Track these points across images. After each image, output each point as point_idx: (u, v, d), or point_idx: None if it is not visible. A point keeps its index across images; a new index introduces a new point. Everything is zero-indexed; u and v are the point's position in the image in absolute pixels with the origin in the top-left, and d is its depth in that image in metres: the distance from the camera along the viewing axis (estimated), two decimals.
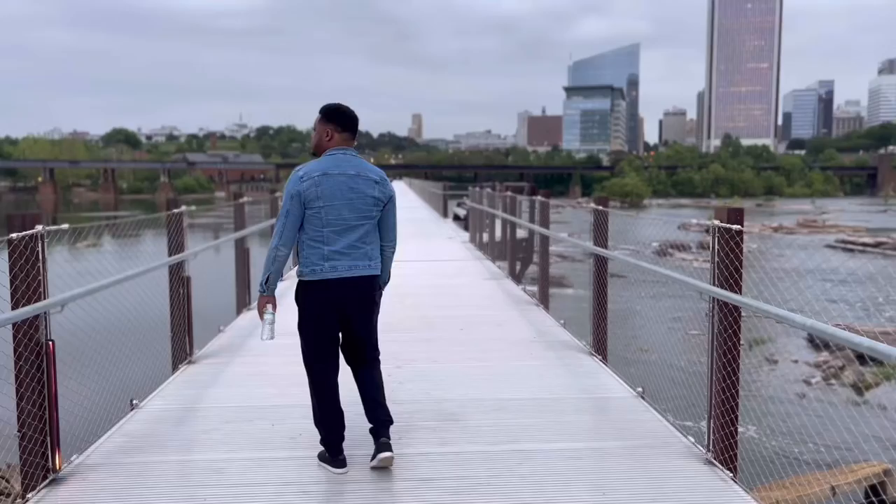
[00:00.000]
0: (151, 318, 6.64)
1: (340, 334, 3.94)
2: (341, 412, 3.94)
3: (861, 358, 13.10)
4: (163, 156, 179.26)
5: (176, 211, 6.54)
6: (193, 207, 7.35)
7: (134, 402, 5.03)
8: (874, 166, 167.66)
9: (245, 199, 9.81)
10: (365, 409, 3.98)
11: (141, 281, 5.57)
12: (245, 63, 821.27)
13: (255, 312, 4.31)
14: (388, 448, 3.83)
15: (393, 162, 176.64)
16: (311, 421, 4.03)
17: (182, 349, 6.32)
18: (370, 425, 3.95)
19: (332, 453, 3.91)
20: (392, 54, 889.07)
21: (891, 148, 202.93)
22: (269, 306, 3.86)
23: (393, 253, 4.05)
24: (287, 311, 4.21)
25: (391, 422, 3.97)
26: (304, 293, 3.83)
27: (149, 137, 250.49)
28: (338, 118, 3.85)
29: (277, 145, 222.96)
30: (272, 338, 3.84)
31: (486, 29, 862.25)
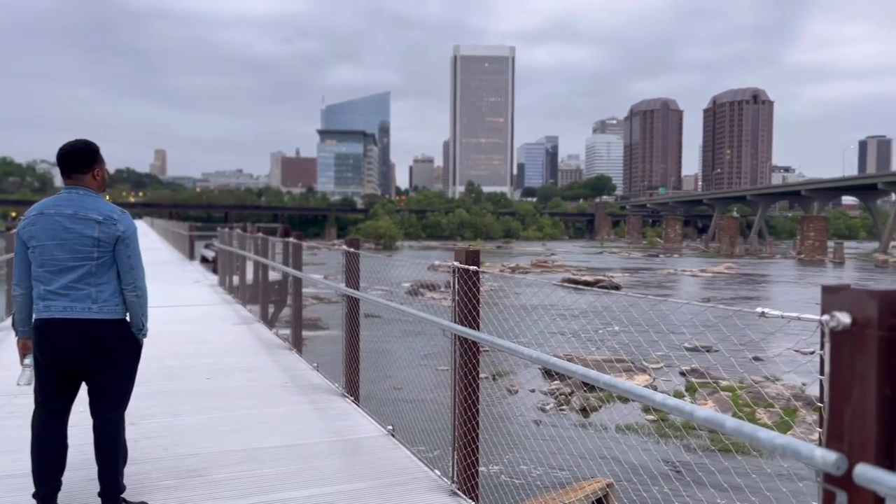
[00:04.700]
0: None
1: (85, 384, 3.77)
2: (53, 465, 3.67)
3: (586, 383, 14.66)
4: None
5: None
6: None
7: None
8: (592, 213, 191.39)
9: None
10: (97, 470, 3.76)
11: None
12: None
13: None
14: None
15: (133, 200, 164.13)
16: (22, 494, 3.56)
17: None
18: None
19: None
20: (133, 87, 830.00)
21: (604, 197, 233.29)
22: (30, 350, 3.74)
23: (137, 298, 3.78)
24: None
25: (114, 495, 3.74)
26: (34, 333, 3.72)
27: None
28: (57, 161, 3.79)
29: None
30: (29, 383, 3.73)
31: (237, 68, 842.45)
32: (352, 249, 6.95)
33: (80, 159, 3.72)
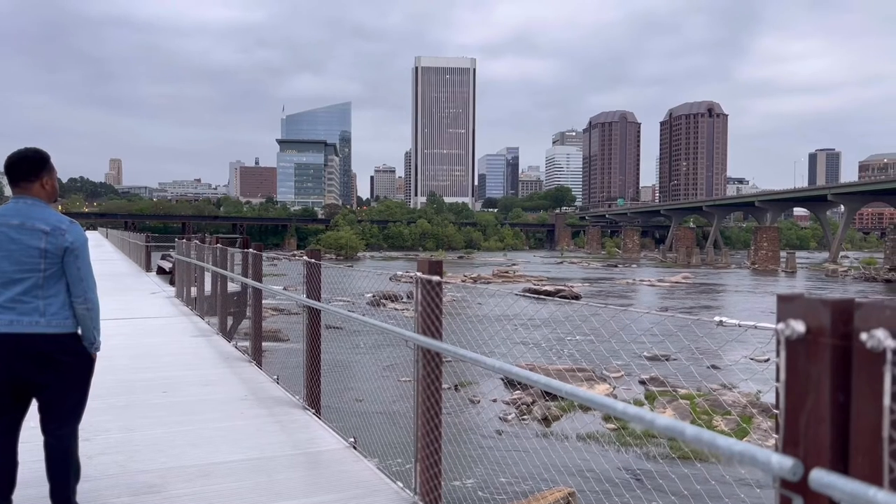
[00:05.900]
0: None
1: (36, 400, 3.65)
2: (2, 483, 3.56)
3: (547, 393, 14.74)
4: None
5: None
6: None
7: None
8: (552, 224, 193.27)
9: None
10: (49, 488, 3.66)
11: None
12: None
13: None
14: None
15: (86, 210, 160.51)
16: None
17: None
18: None
19: None
20: (87, 95, 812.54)
21: (564, 208, 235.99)
22: None
23: (88, 310, 3.68)
24: None
25: None
26: None
27: None
28: (4, 169, 3.69)
29: None
30: None
31: (195, 77, 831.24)
32: (313, 260, 6.89)
33: (28, 167, 3.63)
